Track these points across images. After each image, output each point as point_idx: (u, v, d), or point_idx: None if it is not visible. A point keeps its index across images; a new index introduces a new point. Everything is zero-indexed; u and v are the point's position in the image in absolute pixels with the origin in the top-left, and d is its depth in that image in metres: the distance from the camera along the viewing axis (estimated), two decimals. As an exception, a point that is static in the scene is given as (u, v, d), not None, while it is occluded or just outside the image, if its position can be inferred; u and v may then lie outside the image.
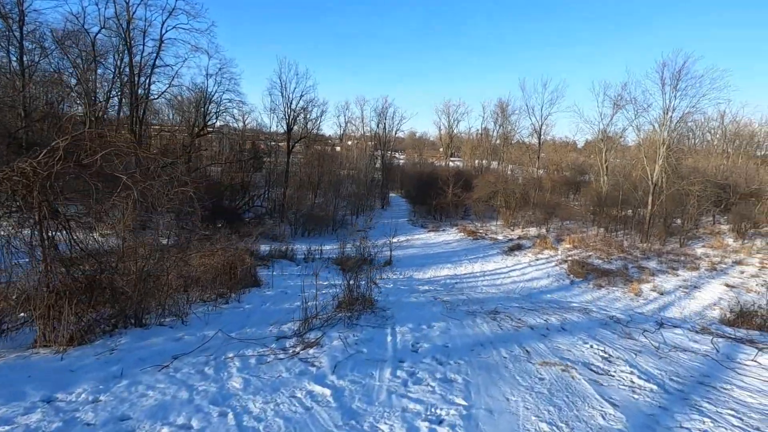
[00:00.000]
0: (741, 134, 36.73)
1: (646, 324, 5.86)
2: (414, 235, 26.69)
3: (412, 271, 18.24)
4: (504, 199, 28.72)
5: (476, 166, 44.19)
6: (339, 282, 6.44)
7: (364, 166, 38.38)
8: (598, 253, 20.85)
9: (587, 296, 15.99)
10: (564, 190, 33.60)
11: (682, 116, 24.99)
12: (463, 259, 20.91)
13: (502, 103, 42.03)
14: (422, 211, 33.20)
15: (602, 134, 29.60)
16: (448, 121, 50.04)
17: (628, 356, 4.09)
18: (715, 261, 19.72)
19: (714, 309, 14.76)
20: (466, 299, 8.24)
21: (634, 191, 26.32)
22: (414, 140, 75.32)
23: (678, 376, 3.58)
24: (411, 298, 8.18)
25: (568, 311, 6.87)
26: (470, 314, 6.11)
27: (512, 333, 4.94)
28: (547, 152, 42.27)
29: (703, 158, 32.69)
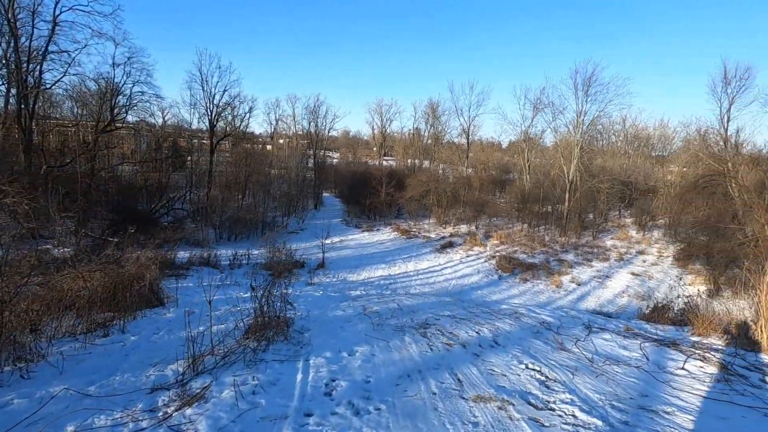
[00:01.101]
0: (639, 137, 40.91)
1: (576, 329, 5.73)
2: (348, 236, 26.00)
3: (347, 272, 17.57)
4: (436, 198, 29.04)
5: (409, 165, 44.54)
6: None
7: (296, 165, 36.82)
8: (523, 248, 21.71)
9: (514, 290, 16.44)
10: (491, 188, 34.90)
11: (592, 119, 26.98)
12: (397, 258, 20.65)
13: (432, 104, 42.79)
14: (356, 210, 32.60)
15: (524, 135, 31.12)
16: (381, 121, 49.98)
17: (565, 377, 3.76)
18: (622, 252, 21.43)
19: (623, 296, 15.88)
20: (396, 308, 7.70)
21: (553, 189, 27.94)
22: (348, 139, 74.43)
23: (619, 401, 3.27)
24: (338, 311, 7.47)
25: (500, 318, 6.60)
26: (399, 330, 5.55)
27: (443, 354, 4.44)
28: (475, 152, 43.81)
29: (609, 158, 35.77)
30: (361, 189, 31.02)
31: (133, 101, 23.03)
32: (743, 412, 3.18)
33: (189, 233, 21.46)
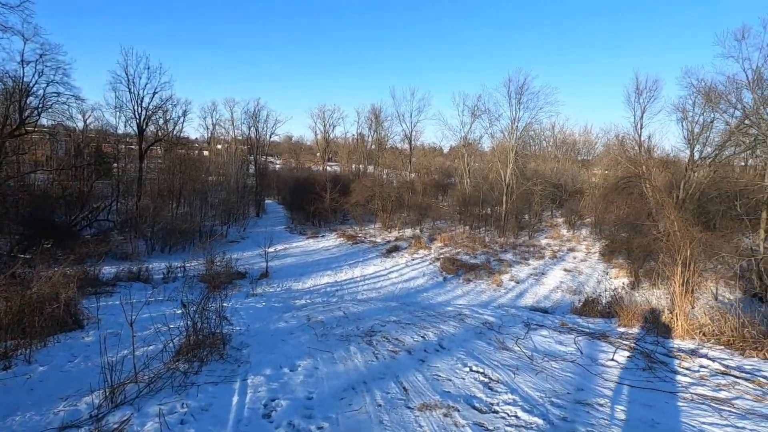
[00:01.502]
0: (566, 142, 44.14)
1: (516, 327, 5.93)
2: (292, 243, 25.32)
3: (291, 281, 17.06)
4: (381, 203, 29.18)
5: (353, 170, 44.44)
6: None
7: (236, 171, 35.32)
8: (465, 249, 22.39)
9: (459, 291, 16.86)
10: (434, 192, 35.74)
11: (525, 126, 28.61)
12: (343, 264, 20.41)
13: (375, 110, 43.06)
14: (300, 217, 31.87)
15: (464, 140, 32.26)
16: (324, 126, 49.43)
17: (507, 377, 3.83)
18: (555, 250, 22.83)
19: (557, 292, 16.85)
20: (342, 316, 7.53)
21: (492, 192, 29.21)
22: (290, 144, 72.83)
23: (557, 397, 3.38)
24: (280, 322, 7.14)
25: (445, 320, 6.68)
26: (344, 340, 5.40)
27: (389, 362, 4.36)
28: (418, 157, 44.72)
29: (541, 162, 38.14)
30: (305, 195, 30.41)
31: (47, 103, 20.77)
32: (665, 398, 3.42)
33: (116, 246, 19.73)
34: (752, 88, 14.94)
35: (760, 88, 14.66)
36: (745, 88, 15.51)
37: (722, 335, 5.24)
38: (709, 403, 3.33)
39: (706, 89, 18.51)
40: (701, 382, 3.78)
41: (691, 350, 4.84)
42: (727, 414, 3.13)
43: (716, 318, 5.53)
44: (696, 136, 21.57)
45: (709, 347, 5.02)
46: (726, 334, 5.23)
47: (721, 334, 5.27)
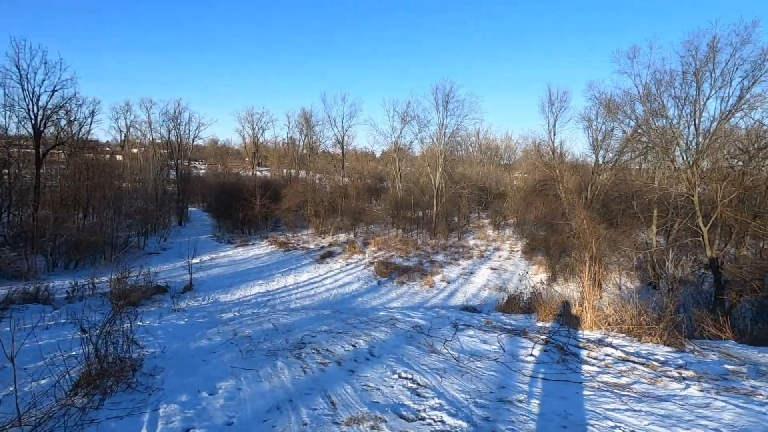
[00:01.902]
0: (490, 147, 46.91)
1: (445, 329, 6.08)
2: (220, 253, 23.93)
3: (219, 293, 16.08)
4: (313, 208, 28.71)
5: (284, 175, 43.27)
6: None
7: (155, 177, 32.61)
8: (398, 252, 22.76)
9: (393, 294, 17.06)
10: (367, 196, 35.95)
11: (452, 132, 29.92)
12: (275, 272, 19.70)
13: (305, 114, 42.32)
14: (228, 225, 30.28)
15: (395, 146, 32.89)
16: (252, 130, 47.47)
17: (435, 381, 3.89)
18: (482, 249, 24.05)
19: (485, 289, 17.71)
20: (271, 329, 7.22)
21: (423, 195, 30.08)
22: (216, 149, 68.95)
23: (481, 397, 3.50)
24: (203, 340, 6.65)
25: (376, 326, 6.67)
26: (272, 355, 5.15)
27: (317, 376, 4.23)
28: (351, 161, 44.75)
29: (468, 166, 40.08)
30: (233, 201, 28.96)
31: None
32: (576, 389, 3.69)
33: (7, 264, 17.20)
34: (643, 101, 16.95)
35: (649, 102, 16.68)
36: (637, 101, 17.57)
37: (623, 324, 5.81)
38: (612, 389, 3.65)
39: (606, 101, 20.71)
40: (606, 370, 4.14)
41: (598, 340, 5.30)
42: (627, 398, 3.44)
43: (618, 308, 6.13)
44: (599, 143, 24.04)
45: (613, 336, 5.53)
46: (626, 322, 5.81)
47: (622, 323, 5.84)
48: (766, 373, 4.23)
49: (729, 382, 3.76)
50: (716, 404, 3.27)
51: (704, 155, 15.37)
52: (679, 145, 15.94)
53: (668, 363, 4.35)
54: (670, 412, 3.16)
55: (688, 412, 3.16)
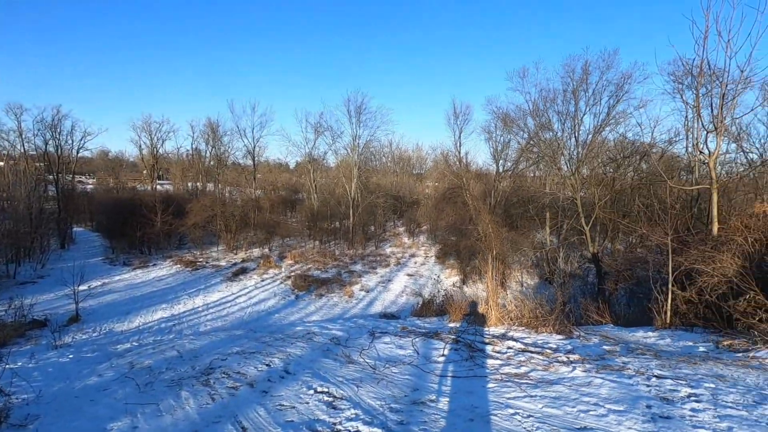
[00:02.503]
0: (403, 158, 48.71)
1: (362, 338, 6.11)
2: (114, 277, 21.34)
3: (113, 322, 14.31)
4: (224, 223, 27.05)
5: (190, 189, 40.18)
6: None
7: (27, 194, 28.01)
8: (316, 264, 22.41)
9: (311, 307, 16.71)
10: (282, 208, 34.93)
11: (365, 143, 30.49)
12: (181, 294, 18.10)
13: (212, 124, 39.78)
14: (124, 245, 27.14)
15: (309, 157, 32.50)
16: (150, 140, 43.30)
17: (351, 391, 3.88)
18: (399, 257, 24.72)
19: (403, 296, 18.18)
20: (176, 356, 6.60)
21: (339, 206, 30.09)
22: (107, 161, 61.57)
23: (396, 401, 3.57)
24: (92, 377, 5.84)
25: (293, 342, 6.46)
26: (175, 385, 4.71)
27: (227, 401, 3.96)
28: (263, 173, 43.13)
29: (382, 176, 41.09)
30: (130, 219, 26.08)
31: None
32: (482, 383, 3.95)
33: None
34: (533, 115, 19.01)
35: (538, 116, 18.75)
36: (528, 115, 19.64)
37: (523, 318, 6.38)
38: (513, 379, 3.97)
39: (503, 115, 22.80)
40: (508, 362, 4.50)
41: (502, 334, 5.74)
42: (525, 386, 3.77)
43: (519, 304, 6.71)
44: (499, 153, 26.31)
45: (515, 329, 6.04)
46: (525, 316, 6.38)
47: (522, 317, 6.41)
48: (635, 350, 4.94)
49: (606, 361, 4.33)
50: (596, 382, 3.73)
51: (583, 163, 17.62)
52: (563, 154, 18.09)
53: (559, 350, 4.87)
54: (560, 394, 3.53)
55: (574, 391, 3.55)
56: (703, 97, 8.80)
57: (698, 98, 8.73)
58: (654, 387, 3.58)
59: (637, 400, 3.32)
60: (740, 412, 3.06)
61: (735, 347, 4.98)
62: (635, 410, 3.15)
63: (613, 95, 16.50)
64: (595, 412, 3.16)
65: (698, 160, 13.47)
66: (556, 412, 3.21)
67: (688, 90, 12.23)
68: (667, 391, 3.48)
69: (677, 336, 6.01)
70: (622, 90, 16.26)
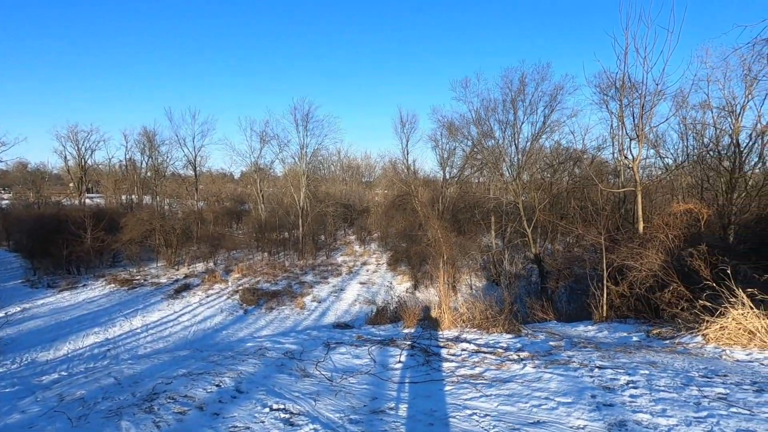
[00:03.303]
0: (351, 166, 48.75)
1: (317, 350, 5.97)
2: (36, 301, 19.27)
3: (37, 352, 12.94)
4: (163, 237, 25.42)
5: (124, 202, 37.42)
6: None
7: None
8: (266, 276, 21.71)
9: (262, 321, 16.13)
10: (227, 220, 33.53)
11: (313, 151, 30.17)
12: (117, 316, 16.74)
13: (148, 132, 37.38)
14: (48, 265, 24.56)
15: (255, 166, 31.55)
16: (78, 150, 39.81)
17: (309, 406, 3.76)
18: (351, 265, 24.58)
19: (356, 304, 18.07)
20: (113, 383, 6.04)
21: (288, 216, 29.44)
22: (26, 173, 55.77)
23: (355, 412, 3.51)
24: (13, 414, 5.20)
25: (244, 359, 6.17)
26: (114, 415, 4.31)
27: (174, 428, 3.69)
28: (206, 184, 41.17)
29: (331, 185, 40.82)
30: (54, 236, 23.69)
31: None
32: (439, 386, 4.00)
33: None
34: (476, 124, 19.86)
35: (480, 125, 19.62)
36: (472, 124, 20.50)
37: (475, 319, 6.57)
38: (468, 381, 4.06)
39: (448, 124, 23.60)
40: (463, 364, 4.60)
41: (455, 337, 5.87)
42: (480, 386, 3.87)
43: (470, 306, 6.90)
44: (445, 161, 27.11)
45: (468, 331, 6.20)
46: (477, 318, 6.57)
47: (474, 319, 6.59)
48: (578, 344, 5.26)
49: (552, 356, 4.56)
50: (545, 377, 3.91)
51: (524, 169, 18.65)
52: (505, 161, 19.03)
53: (510, 348, 5.06)
54: (513, 391, 3.66)
55: (526, 387, 3.70)
56: (625, 107, 9.67)
57: (621, 108, 9.57)
58: (597, 377, 3.82)
59: (582, 392, 3.52)
60: (671, 394, 3.35)
61: (663, 335, 5.45)
62: (582, 401, 3.34)
63: (548, 105, 17.69)
64: (546, 406, 3.31)
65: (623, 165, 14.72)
66: (511, 409, 3.33)
67: (612, 101, 13.40)
68: (608, 381, 3.73)
69: (613, 328, 6.49)
70: (556, 100, 17.50)
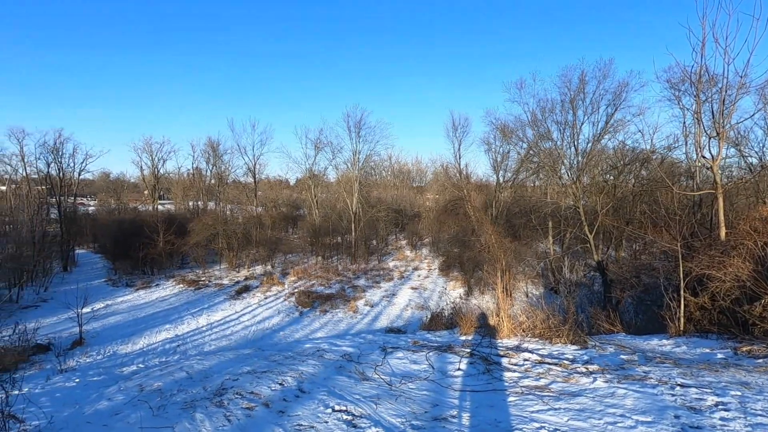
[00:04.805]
0: (402, 171, 49.00)
1: (374, 354, 6.03)
2: (117, 299, 21.23)
3: (117, 345, 14.23)
4: (226, 241, 27.00)
5: (191, 208, 40.29)
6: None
7: (30, 218, 28.07)
8: (319, 280, 22.29)
9: (316, 323, 16.56)
10: (283, 225, 34.93)
11: (366, 157, 30.68)
12: (185, 314, 17.99)
13: (212, 142, 40.13)
14: (126, 266, 27.03)
15: (309, 173, 32.66)
16: (151, 161, 43.58)
17: (370, 409, 3.80)
18: (402, 270, 24.60)
19: (408, 309, 18.02)
20: (185, 377, 6.48)
21: (341, 221, 30.09)
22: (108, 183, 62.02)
23: (416, 418, 3.50)
24: (102, 401, 5.73)
25: (303, 360, 6.37)
26: (189, 407, 4.62)
27: (244, 423, 3.88)
28: (264, 190, 43.28)
29: (383, 190, 41.24)
30: (132, 240, 26.03)
31: None
32: (503, 396, 3.87)
33: None
34: (531, 126, 19.17)
35: (537, 126, 18.90)
36: (527, 126, 19.80)
37: (535, 329, 6.30)
38: (533, 392, 3.90)
39: (502, 126, 22.98)
40: (526, 375, 4.42)
41: (516, 346, 5.67)
42: (547, 399, 3.70)
43: (530, 315, 6.64)
44: (499, 164, 26.42)
45: (528, 341, 5.96)
46: (538, 327, 6.31)
47: (534, 328, 6.33)
48: (653, 359, 4.87)
49: (626, 371, 4.26)
50: (619, 392, 3.66)
51: (584, 172, 17.70)
52: (563, 163, 18.17)
53: (576, 360, 4.80)
54: (584, 406, 3.46)
55: (598, 403, 3.49)
56: (702, 102, 8.88)
57: (699, 104, 8.80)
58: (679, 396, 3.51)
59: (664, 410, 3.25)
60: (771, 419, 3.00)
61: (755, 353, 4.91)
62: (664, 421, 3.09)
63: (610, 103, 16.67)
64: (623, 424, 3.09)
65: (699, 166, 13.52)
66: (583, 425, 3.14)
67: (686, 96, 12.35)
68: (693, 400, 3.42)
69: (693, 343, 5.94)
70: (620, 98, 16.44)
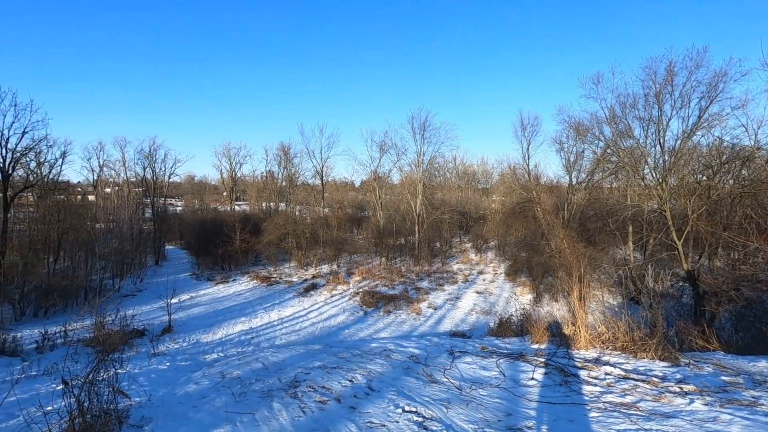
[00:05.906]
0: (467, 173, 48.02)
1: (441, 357, 5.98)
2: (199, 291, 23.23)
3: (200, 334, 15.54)
4: (295, 240, 28.39)
5: (264, 209, 42.92)
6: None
7: (130, 216, 31.79)
8: (383, 281, 22.57)
9: (380, 324, 16.77)
10: (348, 226, 35.91)
11: (430, 159, 30.54)
12: (258, 309, 19.19)
13: (284, 147, 42.46)
14: (207, 262, 29.53)
15: (374, 174, 33.23)
16: (230, 164, 47.17)
17: (440, 413, 3.78)
18: (466, 273, 24.09)
19: (472, 314, 17.60)
20: (261, 368, 6.92)
21: (404, 222, 30.24)
22: (193, 185, 68.28)
23: (489, 426, 3.41)
24: (190, 384, 6.31)
25: (371, 359, 6.49)
26: (266, 396, 4.92)
27: (318, 415, 4.05)
28: (331, 192, 44.85)
29: (447, 192, 40.75)
30: (212, 237, 28.38)
31: None
32: (583, 411, 3.64)
33: (-32, 315, 16.16)
34: (609, 123, 17.80)
35: (615, 123, 17.51)
36: (604, 123, 18.42)
37: (617, 341, 5.84)
38: (619, 409, 3.62)
39: (576, 124, 21.61)
40: (609, 390, 4.12)
41: (595, 359, 5.30)
42: (635, 417, 3.42)
43: (610, 326, 6.17)
44: (572, 164, 24.90)
45: (609, 353, 5.55)
46: (620, 339, 5.84)
47: (615, 340, 5.87)
48: (762, 383, 4.30)
49: (730, 394, 3.80)
50: (723, 417, 3.28)
51: (671, 172, 16.08)
52: (647, 163, 16.67)
53: (667, 378, 4.37)
54: (681, 429, 3.14)
55: (697, 427, 3.15)
56: (826, 91, 7.65)
57: (821, 93, 7.59)
58: (799, 428, 3.06)
59: (780, 443, 2.86)
60: None
61: None
62: (781, 454, 2.71)
63: (704, 96, 14.93)
64: (729, 454, 2.77)
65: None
66: (679, 450, 2.86)
67: (802, 85, 10.71)
68: (818, 434, 2.96)
69: (814, 368, 5.14)
70: (716, 89, 14.66)
